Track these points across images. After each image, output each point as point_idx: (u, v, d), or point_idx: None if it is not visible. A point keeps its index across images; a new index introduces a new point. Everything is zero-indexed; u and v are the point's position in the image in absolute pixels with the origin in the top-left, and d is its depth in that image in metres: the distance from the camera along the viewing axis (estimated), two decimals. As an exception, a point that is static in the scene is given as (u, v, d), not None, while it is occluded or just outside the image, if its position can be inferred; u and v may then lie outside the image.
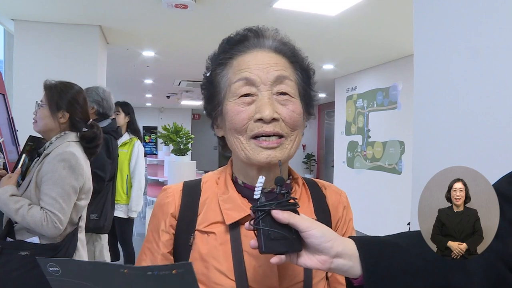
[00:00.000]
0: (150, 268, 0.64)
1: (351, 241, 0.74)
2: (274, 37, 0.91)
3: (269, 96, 0.84)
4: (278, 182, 0.75)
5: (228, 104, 0.87)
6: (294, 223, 0.70)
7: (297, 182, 0.96)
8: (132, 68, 7.10)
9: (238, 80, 0.86)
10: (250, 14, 3.99)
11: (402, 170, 5.90)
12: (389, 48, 5.45)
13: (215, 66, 0.91)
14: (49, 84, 2.12)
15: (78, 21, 4.35)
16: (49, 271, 0.67)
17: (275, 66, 0.86)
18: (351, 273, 0.72)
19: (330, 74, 7.37)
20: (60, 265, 0.67)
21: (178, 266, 0.64)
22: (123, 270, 0.65)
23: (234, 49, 0.90)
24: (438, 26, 1.85)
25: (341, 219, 0.97)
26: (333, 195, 0.99)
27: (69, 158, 1.95)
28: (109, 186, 3.02)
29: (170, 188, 0.96)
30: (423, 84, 1.94)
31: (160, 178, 6.36)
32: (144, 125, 14.63)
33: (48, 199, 1.88)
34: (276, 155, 0.84)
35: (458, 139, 1.74)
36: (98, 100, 2.99)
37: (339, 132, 7.74)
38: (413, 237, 0.76)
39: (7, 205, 1.86)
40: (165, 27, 4.63)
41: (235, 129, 0.85)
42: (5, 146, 3.00)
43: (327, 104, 11.86)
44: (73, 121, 2.11)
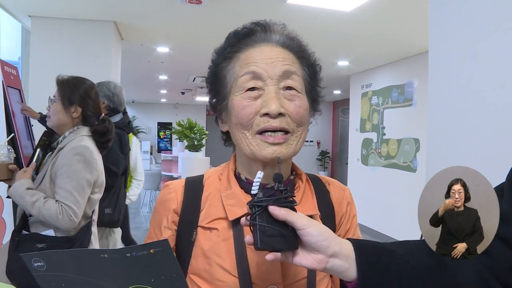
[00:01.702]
0: (128, 250, 0.65)
1: (349, 243, 0.73)
2: (281, 32, 0.90)
3: (276, 90, 0.83)
4: (276, 178, 0.74)
5: (234, 98, 0.86)
6: (291, 220, 0.70)
7: (301, 178, 0.95)
8: (147, 64, 7.14)
9: (244, 73, 0.85)
10: (264, 10, 3.98)
11: (417, 168, 5.83)
12: (404, 45, 5.38)
13: (222, 59, 0.90)
14: (61, 79, 2.14)
15: (93, 17, 4.39)
16: (34, 267, 0.67)
17: (283, 61, 0.86)
18: (346, 275, 0.71)
19: (345, 70, 7.32)
20: (44, 258, 0.67)
21: (155, 245, 0.65)
22: (103, 255, 0.66)
23: (241, 43, 0.89)
24: (453, 23, 1.81)
25: (345, 215, 0.97)
26: (336, 191, 0.98)
27: (83, 152, 1.98)
28: (122, 181, 3.05)
29: (172, 184, 0.95)
30: (438, 82, 1.91)
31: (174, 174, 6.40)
32: (159, 121, 14.74)
33: (63, 192, 1.91)
34: (282, 151, 0.82)
35: (472, 136, 1.71)
36: (109, 95, 3.01)
37: (354, 129, 7.69)
38: (412, 246, 0.75)
39: (24, 198, 1.89)
40: (179, 23, 4.64)
41: (241, 123, 0.84)
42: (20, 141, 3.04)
43: (342, 101, 11.80)
44: (86, 115, 2.13)
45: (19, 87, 3.39)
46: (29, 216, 1.96)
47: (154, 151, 14.35)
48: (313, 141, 13.19)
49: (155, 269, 0.66)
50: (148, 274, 0.67)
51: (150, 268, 0.66)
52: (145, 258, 0.65)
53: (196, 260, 0.86)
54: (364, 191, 7.10)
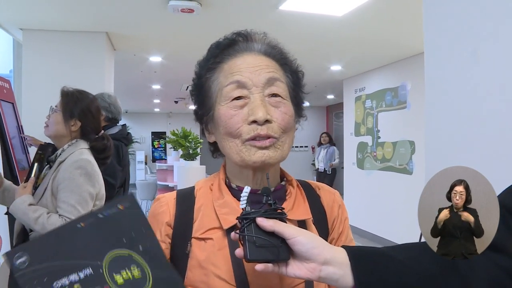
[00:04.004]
0: (98, 211, 0.67)
1: (342, 250, 0.73)
2: (262, 41, 0.92)
3: (261, 98, 0.84)
4: (264, 192, 0.75)
5: (220, 108, 0.87)
6: (279, 231, 0.70)
7: (292, 184, 0.96)
8: (140, 74, 7.13)
9: (229, 83, 0.86)
10: (256, 17, 3.98)
11: (413, 170, 5.84)
12: (396, 47, 5.40)
13: (205, 71, 0.92)
14: (66, 91, 2.14)
15: (85, 28, 4.38)
16: (16, 266, 0.65)
17: (266, 68, 0.87)
18: (341, 283, 0.71)
19: (338, 75, 7.34)
20: (28, 250, 0.66)
21: (121, 200, 0.68)
22: (79, 225, 0.67)
23: (224, 53, 0.91)
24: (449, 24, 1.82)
25: (337, 219, 0.97)
26: (327, 195, 0.99)
27: (85, 165, 1.97)
28: (120, 193, 3.02)
29: (163, 197, 0.95)
30: (435, 83, 1.91)
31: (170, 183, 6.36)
32: (152, 131, 14.69)
33: (67, 207, 1.89)
34: (270, 154, 0.83)
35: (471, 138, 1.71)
36: (106, 106, 3.01)
37: (348, 133, 7.70)
38: (414, 250, 0.75)
39: (27, 215, 1.86)
40: (172, 32, 4.64)
41: (229, 133, 0.85)
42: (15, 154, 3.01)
43: (335, 106, 11.83)
44: (84, 130, 2.13)
45: (13, 100, 3.37)
46: (30, 232, 1.94)
47: (149, 161, 14.30)
48: (307, 146, 13.20)
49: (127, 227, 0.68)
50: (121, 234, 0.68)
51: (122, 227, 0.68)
52: (117, 216, 0.67)
53: (192, 272, 0.86)
54: (361, 195, 7.10)
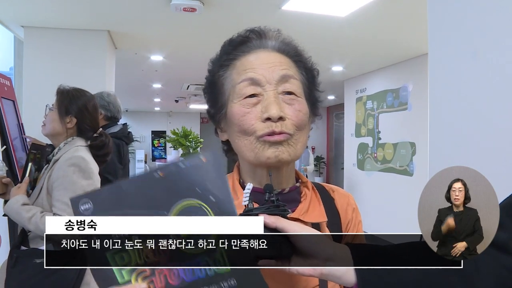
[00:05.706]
0: (180, 162, 0.63)
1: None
2: (276, 38, 0.90)
3: (275, 95, 0.83)
4: (267, 189, 0.76)
5: (233, 106, 0.85)
6: (281, 227, 0.70)
7: (307, 186, 0.94)
8: (141, 73, 7.12)
9: (242, 80, 0.84)
10: (259, 17, 3.97)
11: (413, 172, 5.83)
12: (398, 49, 5.40)
13: (218, 68, 0.90)
14: (61, 89, 2.14)
15: (86, 26, 4.38)
16: (80, 211, 0.64)
17: (280, 65, 0.85)
18: (345, 280, 0.70)
19: (339, 75, 7.33)
20: (92, 198, 0.64)
21: (205, 154, 0.64)
22: (157, 174, 0.63)
23: (237, 50, 0.89)
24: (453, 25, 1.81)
25: (351, 222, 0.96)
26: (341, 198, 0.98)
27: (78, 162, 1.95)
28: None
29: None
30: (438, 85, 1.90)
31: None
32: (152, 130, 14.69)
33: (61, 205, 1.87)
34: (283, 150, 0.82)
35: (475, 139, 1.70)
36: (104, 105, 2.99)
37: (349, 134, 7.70)
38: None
39: (20, 214, 1.85)
40: (174, 31, 4.64)
41: (243, 130, 0.84)
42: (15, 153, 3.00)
43: (336, 106, 11.82)
44: (81, 128, 2.11)
45: (13, 98, 3.35)
46: (29, 232, 1.93)
47: (149, 160, 14.29)
48: (307, 147, 13.20)
49: (203, 178, 0.63)
50: (196, 184, 0.63)
51: (199, 178, 0.63)
52: (197, 168, 0.63)
53: None
54: (361, 196, 7.09)
